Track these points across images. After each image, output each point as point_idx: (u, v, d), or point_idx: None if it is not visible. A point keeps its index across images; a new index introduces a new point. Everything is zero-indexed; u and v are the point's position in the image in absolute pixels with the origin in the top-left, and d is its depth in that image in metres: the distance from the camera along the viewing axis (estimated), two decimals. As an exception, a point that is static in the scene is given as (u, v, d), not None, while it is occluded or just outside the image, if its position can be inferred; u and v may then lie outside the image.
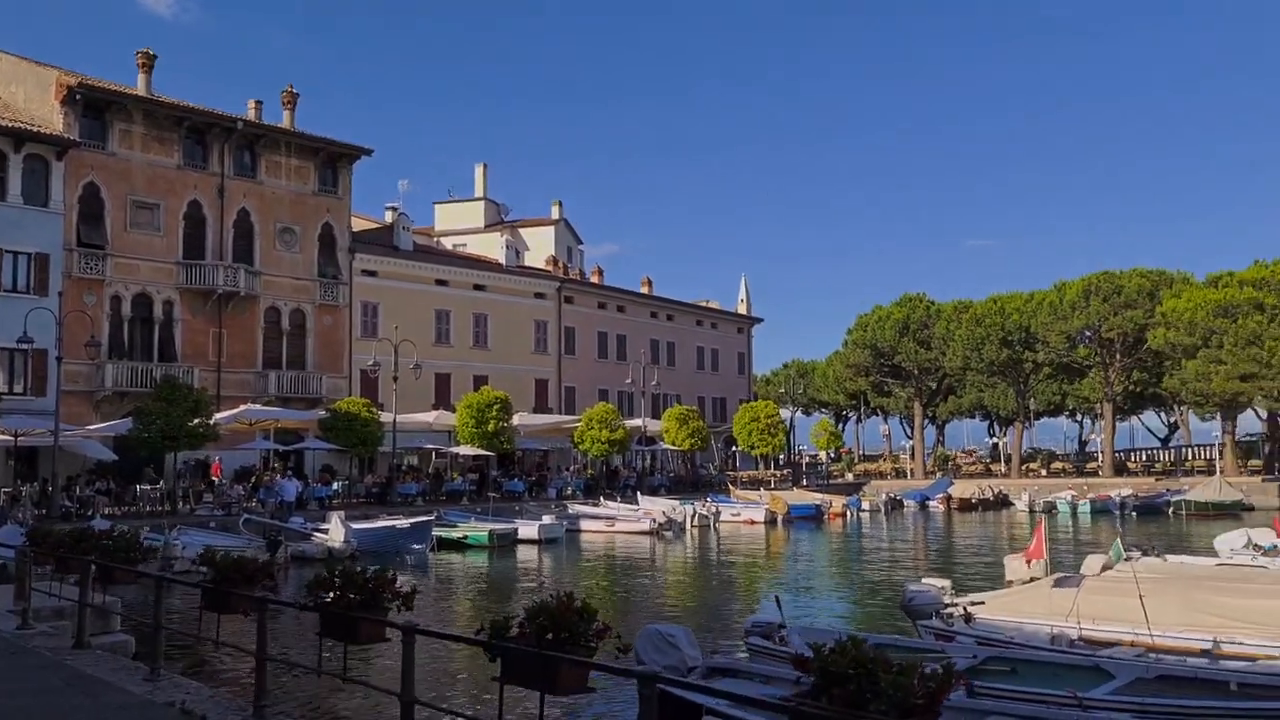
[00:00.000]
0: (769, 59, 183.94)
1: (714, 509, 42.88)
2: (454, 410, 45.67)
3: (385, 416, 40.68)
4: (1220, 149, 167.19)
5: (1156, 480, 55.35)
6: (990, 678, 12.15)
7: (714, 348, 73.27)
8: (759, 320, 78.84)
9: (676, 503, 43.11)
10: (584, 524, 39.09)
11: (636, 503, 43.84)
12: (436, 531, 31.43)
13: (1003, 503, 54.39)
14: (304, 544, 28.31)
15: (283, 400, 42.91)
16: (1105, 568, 14.00)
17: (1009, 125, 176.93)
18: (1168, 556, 20.82)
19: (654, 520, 38.13)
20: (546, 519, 35.84)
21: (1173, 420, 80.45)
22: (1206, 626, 13.86)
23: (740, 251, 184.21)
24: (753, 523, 42.81)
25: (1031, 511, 49.40)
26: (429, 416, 45.73)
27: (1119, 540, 14.12)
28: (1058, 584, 15.51)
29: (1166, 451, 76.36)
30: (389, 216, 57.61)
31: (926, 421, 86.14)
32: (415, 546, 30.32)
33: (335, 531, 28.47)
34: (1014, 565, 19.32)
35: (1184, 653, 13.13)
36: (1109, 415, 60.28)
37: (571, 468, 52.97)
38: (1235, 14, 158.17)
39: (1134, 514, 47.54)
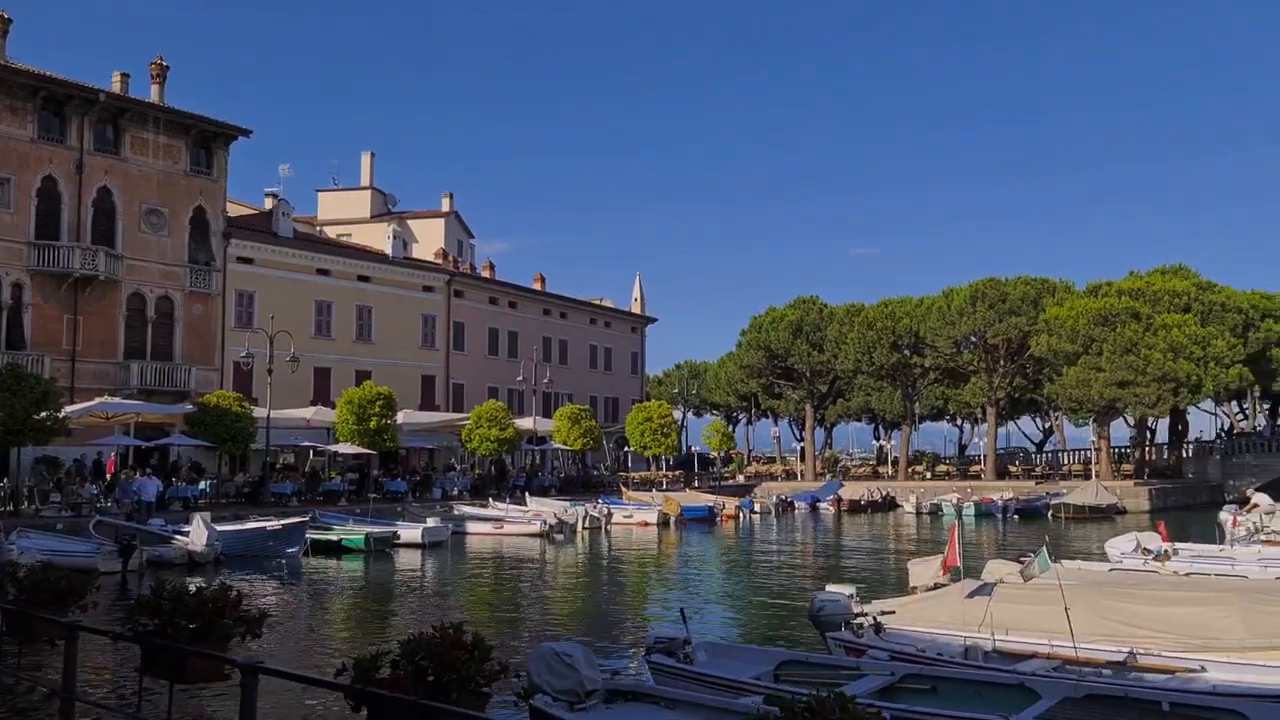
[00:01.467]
0: (663, 65, 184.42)
1: (606, 511, 41.78)
2: (334, 406, 43.45)
3: (259, 412, 38.30)
4: (1096, 165, 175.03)
5: (1036, 484, 56.72)
6: (910, 698, 11.34)
7: (607, 347, 72.31)
8: (653, 320, 78.29)
9: (567, 504, 41.84)
10: (471, 526, 37.48)
11: (525, 504, 42.40)
12: (310, 534, 29.42)
13: (890, 505, 54.87)
14: (162, 548, 25.96)
15: (146, 393, 40.01)
16: (1029, 577, 13.34)
17: (892, 137, 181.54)
18: (1064, 562, 20.70)
19: (544, 522, 36.78)
20: (431, 521, 34.09)
21: (1048, 426, 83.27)
22: (1121, 637, 13.39)
23: (634, 251, 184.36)
24: (646, 524, 41.85)
25: (919, 514, 49.90)
26: (307, 412, 43.46)
27: (1045, 548, 13.55)
28: (970, 592, 14.90)
29: (1042, 455, 78.86)
30: (268, 203, 54.83)
31: (815, 424, 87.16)
32: (287, 550, 28.29)
33: (198, 534, 26.22)
34: (918, 571, 18.75)
35: (1100, 665, 12.62)
36: (992, 420, 61.62)
37: (458, 467, 51.15)
38: (1110, 28, 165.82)
39: (1015, 517, 48.42)
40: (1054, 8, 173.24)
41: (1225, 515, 36.85)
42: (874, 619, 14.17)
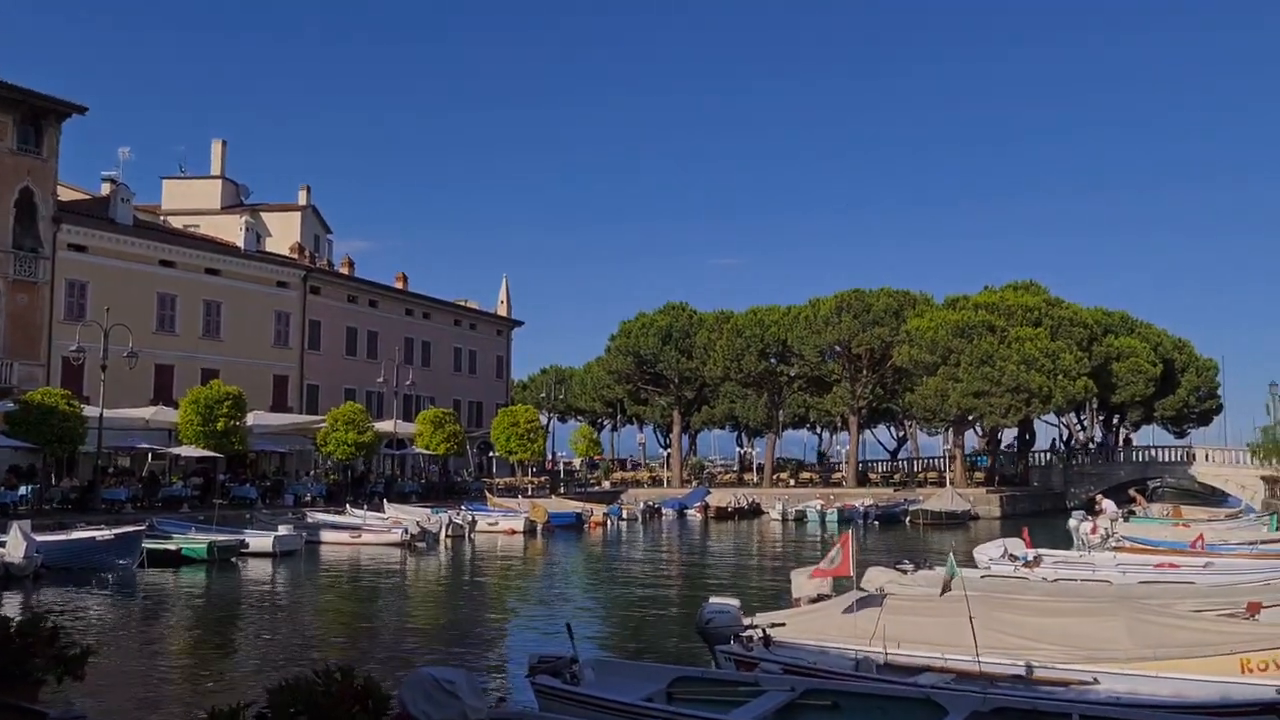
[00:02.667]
0: (527, 68, 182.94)
1: (470, 518, 40.28)
2: (177, 406, 40.49)
3: (90, 411, 35.21)
4: (949, 185, 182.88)
5: (895, 491, 58.13)
6: (813, 716, 10.73)
7: (472, 349, 70.51)
8: (519, 323, 76.85)
9: (429, 511, 40.15)
10: (326, 534, 35.43)
11: (385, 511, 40.48)
12: (147, 544, 27.01)
13: (756, 511, 55.20)
14: (-28, 561, 23.24)
15: (-42, 389, 36.24)
16: (945, 587, 12.96)
17: (751, 147, 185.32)
18: (936, 568, 20.70)
19: (405, 530, 35.06)
20: (282, 529, 31.97)
21: (902, 434, 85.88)
22: (1011, 649, 13.17)
23: (501, 254, 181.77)
24: (512, 532, 40.57)
25: (784, 520, 50.28)
26: (146, 412, 40.39)
27: (952, 556, 13.23)
28: (860, 603, 14.47)
29: (897, 463, 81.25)
30: (106, 188, 51.03)
31: (682, 430, 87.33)
32: (119, 562, 25.87)
33: (15, 544, 23.57)
34: (801, 581, 18.27)
35: (997, 678, 12.34)
36: (854, 428, 62.90)
37: (312, 472, 48.61)
38: (973, 46, 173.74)
39: (876, 523, 49.39)
40: (914, 17, 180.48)
41: (1074, 522, 38.33)
42: (764, 631, 13.56)
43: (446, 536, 37.35)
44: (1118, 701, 10.53)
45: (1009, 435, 66.80)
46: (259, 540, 30.50)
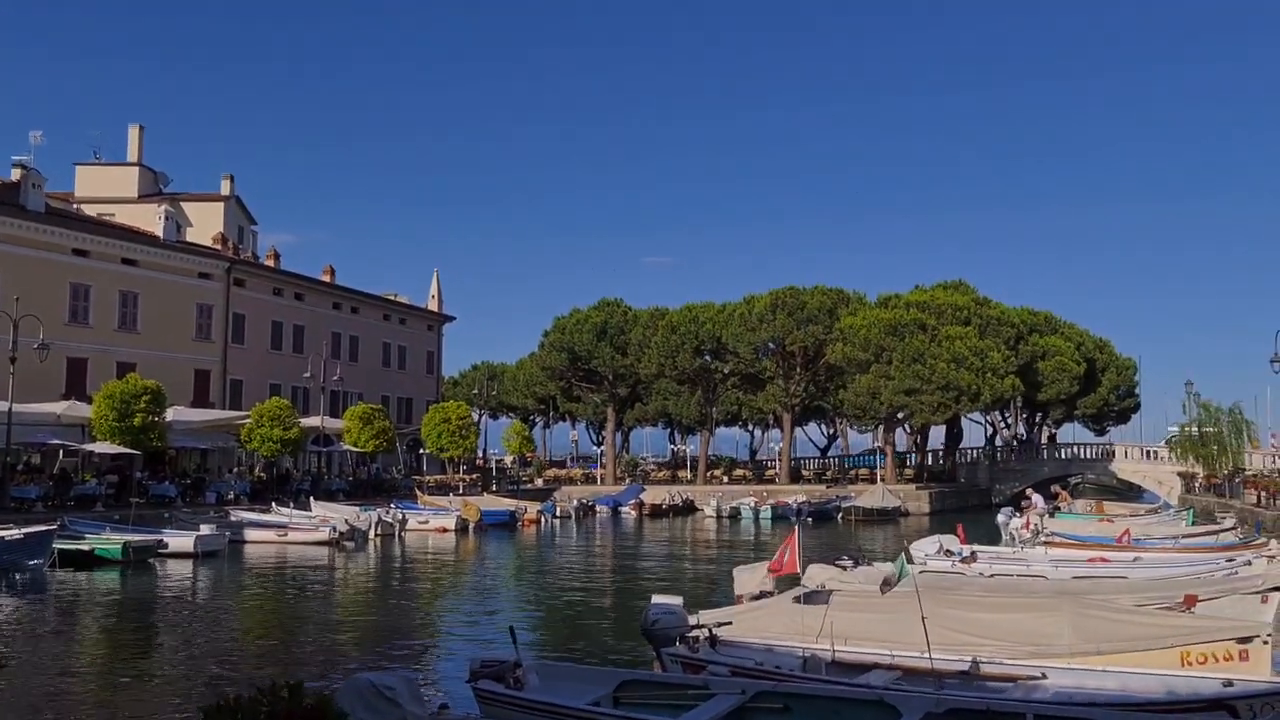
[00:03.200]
0: (462, 53, 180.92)
1: (400, 516, 39.39)
2: (91, 401, 38.81)
3: (-2, 405, 33.53)
4: (879, 183, 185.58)
5: (827, 487, 58.55)
6: (763, 718, 10.45)
7: (402, 344, 69.19)
8: (451, 318, 75.68)
9: (358, 509, 39.15)
10: (250, 533, 34.30)
11: (311, 509, 39.37)
12: (59, 544, 25.76)
13: (690, 509, 55.11)
14: None
15: None
16: (888, 584, 12.76)
17: (684, 146, 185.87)
18: (875, 564, 20.66)
19: (334, 529, 34.09)
20: (204, 528, 30.81)
21: (832, 432, 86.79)
22: (957, 645, 13.07)
23: (432, 249, 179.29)
24: (444, 530, 39.78)
25: (719, 517, 50.25)
26: (58, 407, 38.67)
27: (904, 555, 13.07)
28: (806, 600, 14.26)
29: (827, 460, 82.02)
30: (16, 174, 48.77)
31: (616, 427, 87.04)
32: (29, 562, 24.69)
33: (-86, 546, 22.26)
34: (744, 578, 18.02)
35: (945, 675, 12.22)
36: (788, 425, 63.20)
37: (236, 469, 47.11)
38: (898, 39, 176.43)
39: (809, 519, 49.59)
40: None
41: (1003, 517, 38.93)
42: (710, 631, 13.26)
43: (376, 535, 36.51)
44: (1070, 700, 10.44)
45: (936, 433, 67.93)
46: (179, 540, 29.39)
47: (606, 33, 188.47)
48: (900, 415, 56.41)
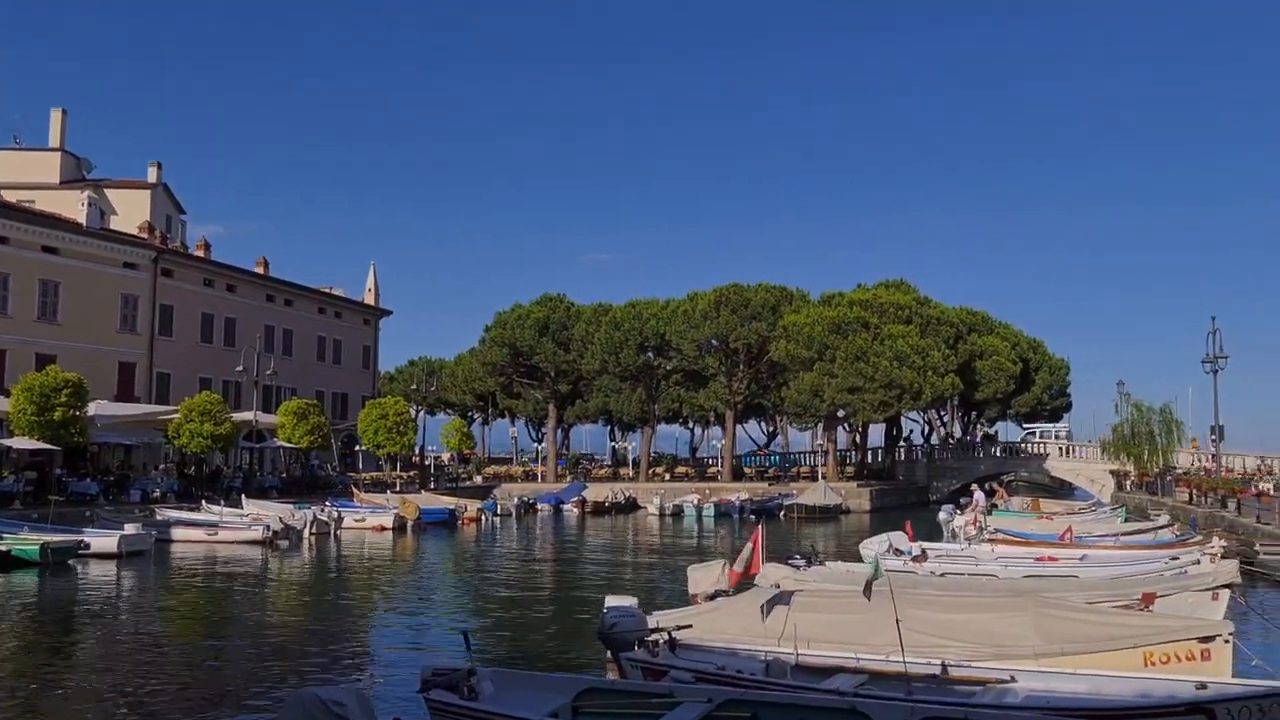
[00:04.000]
0: (397, 38, 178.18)
1: (336, 514, 38.27)
2: (8, 394, 37.03)
3: (-95, 398, 31.73)
4: (821, 181, 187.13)
5: (769, 485, 58.52)
6: (733, 731, 10.01)
7: (337, 338, 67.63)
8: (388, 312, 74.14)
9: (292, 507, 37.94)
10: (178, 533, 33.00)
11: (242, 507, 38.07)
12: (-29, 545, 24.35)
13: (633, 506, 54.65)
14: None
15: None
16: (867, 584, 12.39)
17: (628, 142, 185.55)
18: (828, 564, 20.38)
19: (267, 528, 32.92)
20: (130, 528, 29.48)
21: (773, 429, 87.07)
22: (922, 646, 12.78)
23: (369, 241, 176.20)
24: (382, 529, 38.75)
25: (662, 515, 49.87)
26: (-29, 401, 36.79)
27: (878, 557, 12.72)
28: (768, 601, 13.86)
29: (769, 455, 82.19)
30: (-70, 159, 46.52)
31: (557, 424, 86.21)
32: (-61, 566, 23.23)
33: None
34: (698, 577, 17.59)
35: (911, 678, 11.91)
36: (730, 422, 63.10)
37: (162, 466, 45.44)
38: (839, 42, 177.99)
39: (752, 517, 49.45)
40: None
41: (944, 515, 39.18)
42: (669, 634, 12.77)
43: (311, 534, 35.41)
44: (1046, 705, 10.17)
45: (875, 431, 68.44)
46: (102, 540, 28.09)
47: (548, 33, 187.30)
48: (842, 413, 56.60)
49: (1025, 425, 76.62)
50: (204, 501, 38.14)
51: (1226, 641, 12.06)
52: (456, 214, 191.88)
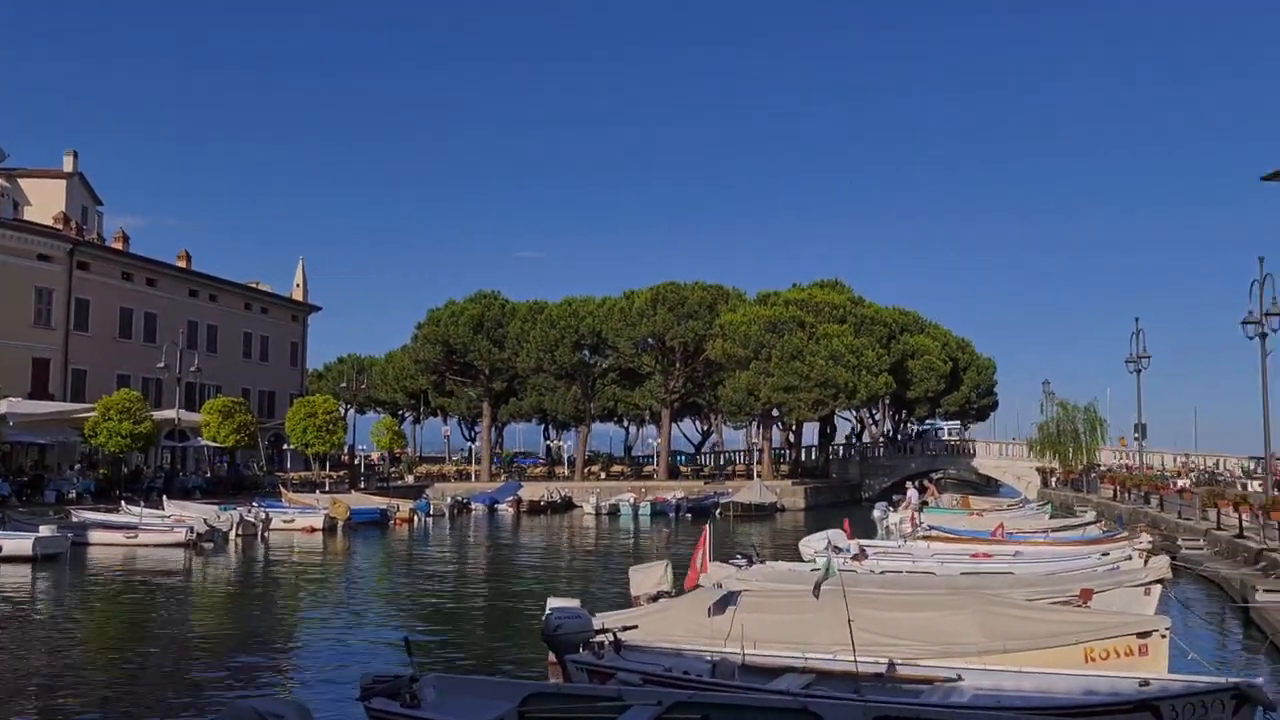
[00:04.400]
0: (324, 42, 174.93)
1: (264, 515, 37.19)
2: (-88, 391, 35.28)
3: None
4: (760, 180, 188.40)
5: (705, 484, 58.61)
6: (683, 732, 9.79)
7: (264, 334, 65.97)
8: (316, 308, 72.54)
9: (216, 508, 36.79)
10: (95, 535, 31.70)
11: (164, 508, 36.82)
12: None
13: (568, 505, 54.25)
14: None
15: None
16: (818, 585, 12.28)
17: (561, 142, 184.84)
18: (769, 563, 20.33)
19: (190, 529, 31.82)
20: (44, 529, 28.24)
21: (707, 428, 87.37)
22: (866, 645, 12.73)
23: (296, 236, 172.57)
24: (312, 530, 37.80)
25: (598, 514, 49.57)
26: (-127, 398, 34.98)
27: (831, 555, 12.59)
28: (715, 601, 13.69)
29: (702, 455, 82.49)
30: None
31: (492, 423, 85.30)
32: None
33: None
34: (640, 578, 17.41)
35: (858, 677, 11.83)
36: (666, 421, 63.04)
37: (78, 466, 43.76)
38: (769, 45, 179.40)
39: (688, 515, 49.46)
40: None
41: (879, 512, 39.52)
42: (614, 635, 12.53)
43: (237, 535, 34.36)
44: (997, 704, 10.16)
45: (808, 429, 69.00)
46: (14, 542, 26.92)
47: (482, 32, 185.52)
48: (776, 412, 56.94)
49: (924, 422, 78.00)
50: (123, 503, 36.79)
51: (1163, 637, 12.23)
52: (385, 211, 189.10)
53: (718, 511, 50.13)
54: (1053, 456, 52.52)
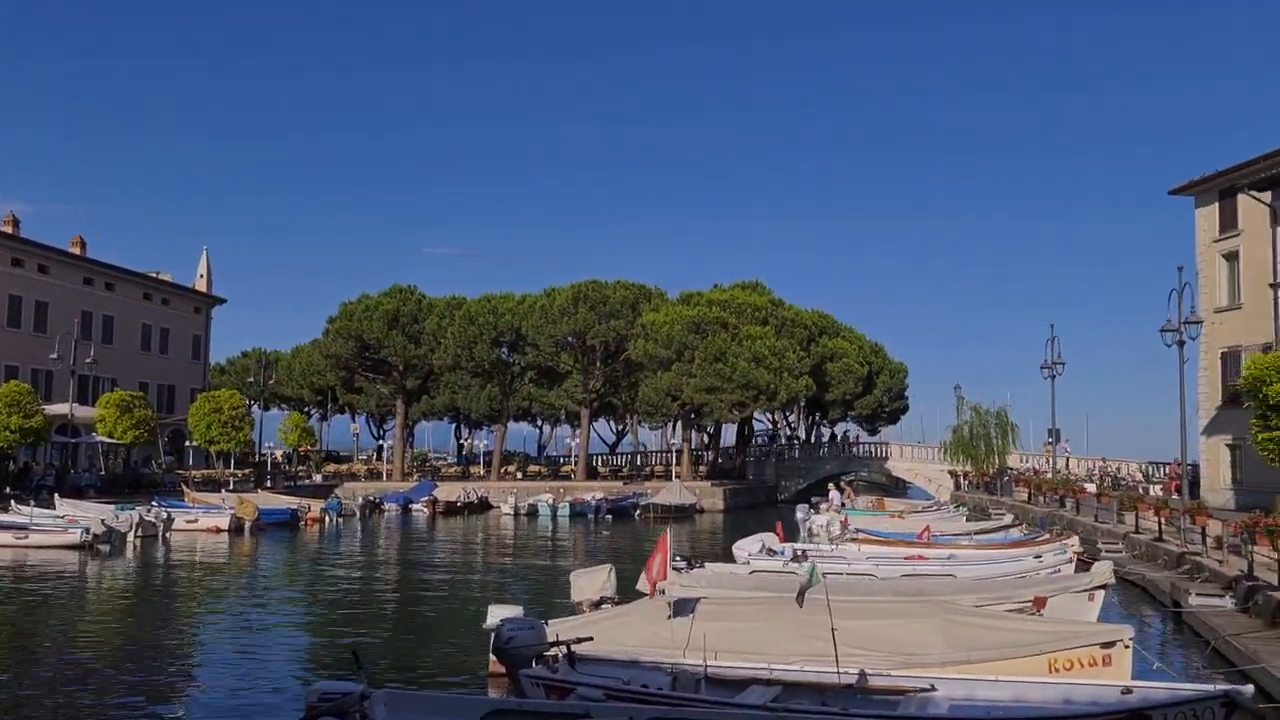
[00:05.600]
0: (229, 31, 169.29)
1: (165, 515, 35.22)
2: None
3: None
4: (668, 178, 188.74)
5: (624, 484, 57.99)
6: (651, 750, 9.20)
7: (165, 326, 63.14)
8: (221, 300, 69.74)
9: (113, 508, 34.71)
10: (-20, 537, 29.49)
11: (56, 507, 34.58)
12: None
13: (485, 506, 53.05)
14: None
15: None
16: (802, 591, 11.78)
17: (474, 136, 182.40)
18: (708, 565, 19.84)
19: (86, 530, 29.87)
20: (-78, 532, 26.11)
21: (622, 428, 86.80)
22: (826, 654, 12.30)
23: (201, 225, 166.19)
24: (217, 530, 35.98)
25: (517, 515, 48.56)
26: None
27: (814, 561, 12.08)
28: (671, 609, 13.09)
29: (617, 456, 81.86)
30: None
31: (405, 420, 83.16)
32: None
33: None
34: (581, 584, 16.70)
35: (825, 688, 11.40)
36: (586, 421, 62.22)
37: (-40, 463, 40.96)
38: (687, 46, 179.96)
39: (609, 516, 48.83)
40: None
41: (801, 514, 39.45)
42: (568, 648, 11.83)
43: (136, 537, 32.41)
44: (986, 715, 9.77)
45: (725, 430, 68.95)
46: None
47: (390, 29, 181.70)
48: (695, 415, 56.68)
49: (834, 426, 79.05)
50: (12, 502, 34.39)
51: (1127, 647, 12.11)
52: (289, 206, 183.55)
53: (637, 513, 49.64)
54: (965, 460, 53.36)
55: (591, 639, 12.23)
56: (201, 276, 69.20)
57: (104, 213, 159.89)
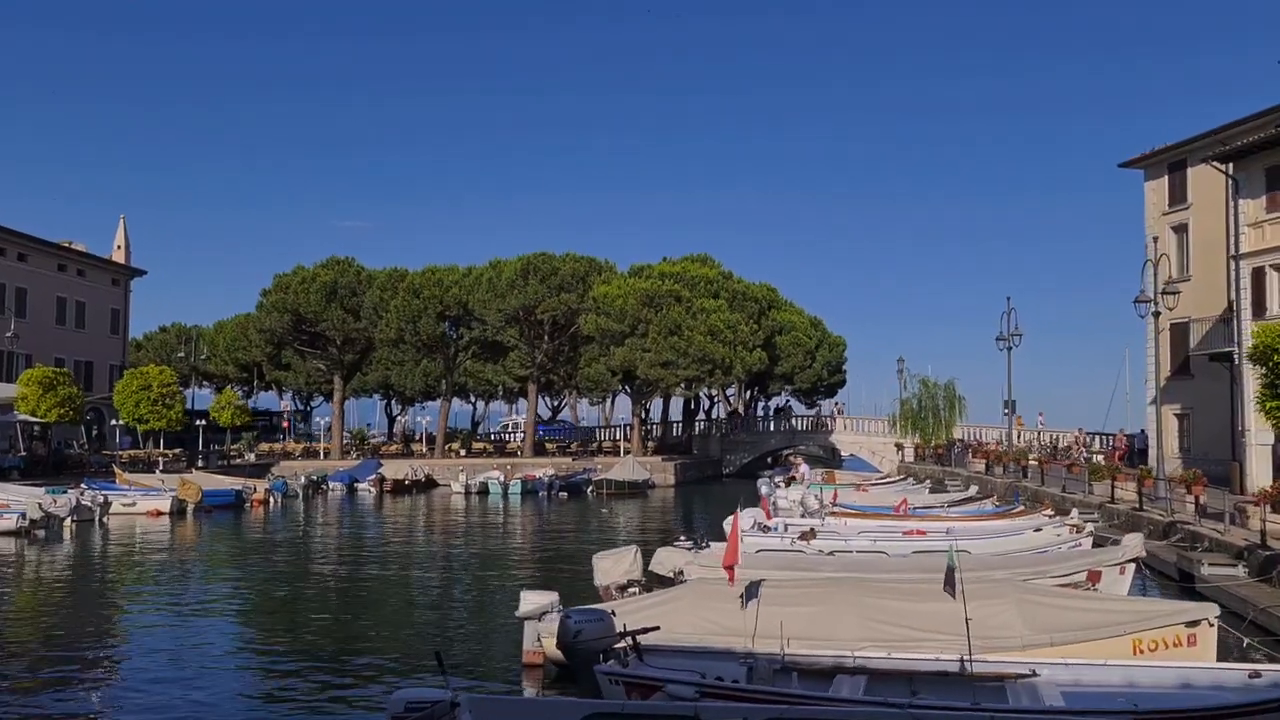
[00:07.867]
0: (151, 15, 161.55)
1: (100, 498, 33.05)
2: None
3: None
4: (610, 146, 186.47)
5: (574, 460, 56.91)
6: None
7: (80, 300, 59.55)
8: (140, 272, 66.15)
9: (44, 490, 32.41)
10: (-98, 525, 27.11)
11: (-16, 491, 32.12)
12: None
13: (431, 484, 51.43)
14: None
15: None
16: (950, 576, 10.93)
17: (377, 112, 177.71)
18: (713, 544, 19.03)
19: (22, 515, 27.73)
20: None
21: (558, 404, 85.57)
22: (900, 640, 11.66)
23: (115, 197, 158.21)
24: (158, 514, 33.93)
25: (468, 493, 47.13)
26: None
27: (953, 545, 11.24)
28: (728, 592, 12.23)
29: (561, 427, 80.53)
30: None
31: (322, 400, 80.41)
32: None
33: None
34: (605, 566, 15.73)
35: (917, 675, 10.68)
36: (533, 396, 60.86)
37: None
38: (639, 22, 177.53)
39: (563, 494, 47.78)
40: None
41: (765, 488, 38.91)
42: (634, 640, 10.88)
43: (72, 522, 30.29)
44: (1135, 709, 9.01)
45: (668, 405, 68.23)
46: None
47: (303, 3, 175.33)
48: (645, 388, 55.83)
49: (770, 400, 79.26)
50: (-69, 487, 31.83)
51: (1212, 625, 11.64)
52: (204, 177, 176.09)
53: (590, 489, 48.68)
54: (915, 432, 53.61)
55: (658, 628, 11.33)
56: (119, 247, 65.54)
57: (10, 176, 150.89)
